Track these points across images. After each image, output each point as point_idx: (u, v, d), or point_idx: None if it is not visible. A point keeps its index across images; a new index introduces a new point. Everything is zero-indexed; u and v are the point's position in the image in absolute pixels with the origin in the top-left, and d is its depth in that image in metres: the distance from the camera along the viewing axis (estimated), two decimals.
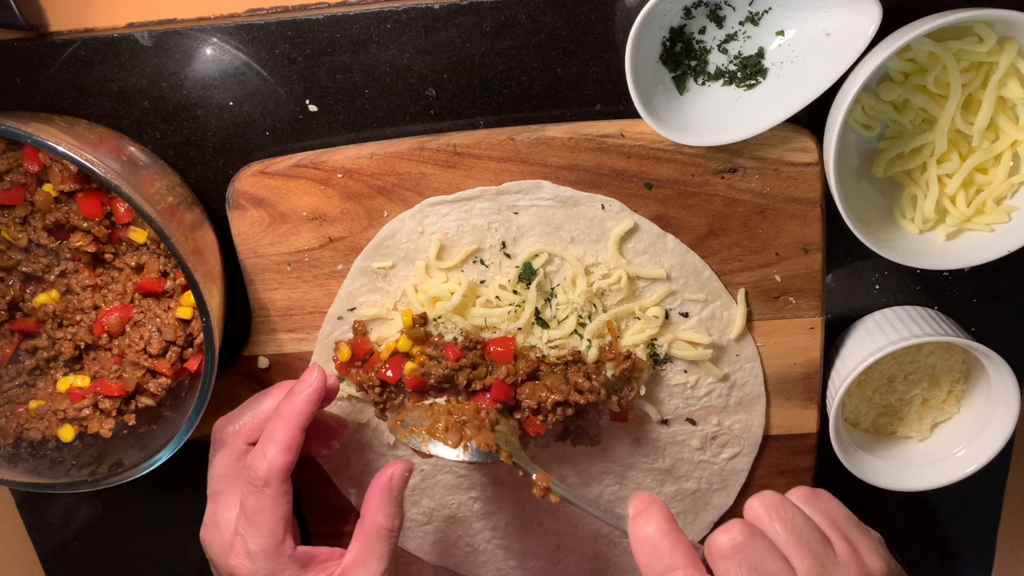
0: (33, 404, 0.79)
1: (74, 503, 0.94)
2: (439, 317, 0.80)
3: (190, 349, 0.78)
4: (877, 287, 0.85)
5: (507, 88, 0.77)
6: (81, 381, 0.79)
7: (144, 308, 0.78)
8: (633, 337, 0.79)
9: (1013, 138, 0.73)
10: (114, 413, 0.78)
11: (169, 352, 0.77)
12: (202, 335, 0.75)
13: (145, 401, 0.79)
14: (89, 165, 0.67)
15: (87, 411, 0.78)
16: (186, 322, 0.77)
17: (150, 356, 0.77)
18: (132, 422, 0.79)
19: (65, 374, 0.80)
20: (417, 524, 0.91)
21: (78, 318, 0.78)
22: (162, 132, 0.78)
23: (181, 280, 0.77)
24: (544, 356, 0.79)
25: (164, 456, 0.75)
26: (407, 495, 0.89)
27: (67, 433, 0.78)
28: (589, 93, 0.77)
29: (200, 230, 0.76)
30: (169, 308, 0.78)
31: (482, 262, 0.80)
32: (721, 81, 0.75)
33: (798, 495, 0.66)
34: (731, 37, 0.74)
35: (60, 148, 0.67)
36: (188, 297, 0.77)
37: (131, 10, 0.76)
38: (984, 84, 0.72)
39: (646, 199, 0.78)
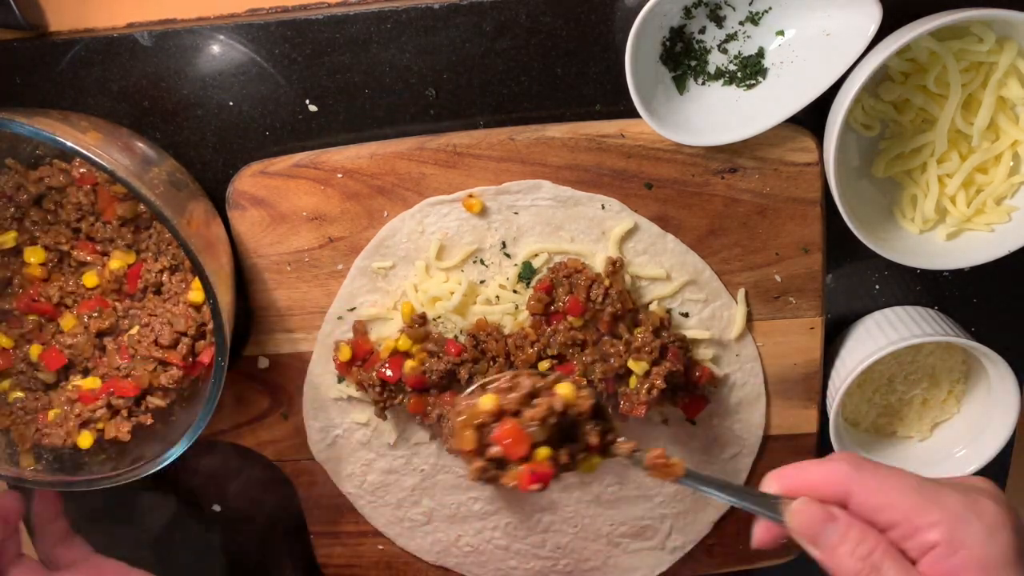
0: (51, 414, 0.79)
1: (73, 503, 0.94)
2: (439, 317, 0.80)
3: (202, 341, 0.78)
4: (877, 287, 0.85)
5: (507, 88, 0.77)
6: (91, 383, 0.79)
7: (151, 308, 0.78)
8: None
9: (1013, 138, 0.73)
10: (126, 414, 0.78)
11: (180, 344, 0.77)
12: (212, 323, 0.75)
13: (155, 402, 0.79)
14: (91, 155, 0.67)
15: (101, 411, 0.78)
16: (197, 309, 0.78)
17: (161, 348, 0.77)
18: (149, 421, 0.79)
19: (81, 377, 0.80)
20: (417, 524, 0.91)
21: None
22: (162, 132, 0.78)
23: (191, 273, 0.78)
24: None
25: (183, 446, 0.75)
26: (407, 495, 0.89)
27: (85, 440, 0.78)
28: (589, 93, 0.77)
29: (210, 220, 0.76)
30: (179, 303, 0.78)
31: (482, 262, 0.80)
32: (721, 81, 0.75)
33: None
34: (731, 37, 0.74)
35: (68, 143, 0.66)
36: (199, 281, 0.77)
37: (131, 10, 0.76)
38: (984, 84, 0.72)
39: (646, 199, 0.78)
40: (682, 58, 0.74)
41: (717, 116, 0.75)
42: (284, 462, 0.89)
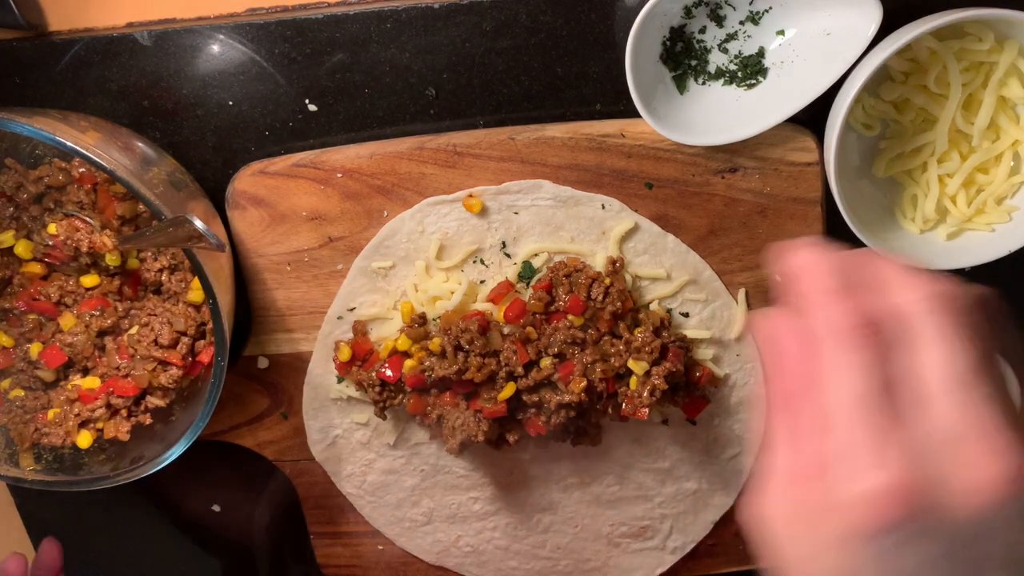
0: (51, 413, 0.79)
1: (74, 503, 0.94)
2: (439, 317, 0.79)
3: (202, 341, 0.78)
4: None
5: (507, 88, 0.77)
6: (91, 383, 0.79)
7: (151, 308, 0.78)
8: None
9: (1014, 138, 0.73)
10: (126, 414, 0.78)
11: (180, 344, 0.77)
12: (212, 323, 0.75)
13: (155, 401, 0.79)
14: (91, 155, 0.67)
15: (100, 411, 0.78)
16: (197, 309, 0.77)
17: (161, 347, 0.77)
18: (149, 421, 0.79)
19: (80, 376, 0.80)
20: (417, 524, 0.91)
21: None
22: (162, 132, 0.78)
23: (191, 273, 0.77)
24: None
25: (183, 446, 0.75)
26: (407, 496, 0.89)
27: (85, 440, 0.78)
28: (589, 93, 0.77)
29: (209, 220, 0.76)
30: (179, 303, 0.78)
31: (482, 262, 0.80)
32: (721, 81, 0.75)
33: None
34: (731, 37, 0.74)
35: (68, 143, 0.66)
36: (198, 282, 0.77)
37: (131, 10, 0.76)
38: (985, 84, 0.72)
39: (646, 199, 0.78)
40: (682, 58, 0.74)
41: (717, 116, 0.74)
42: (284, 462, 0.89)
